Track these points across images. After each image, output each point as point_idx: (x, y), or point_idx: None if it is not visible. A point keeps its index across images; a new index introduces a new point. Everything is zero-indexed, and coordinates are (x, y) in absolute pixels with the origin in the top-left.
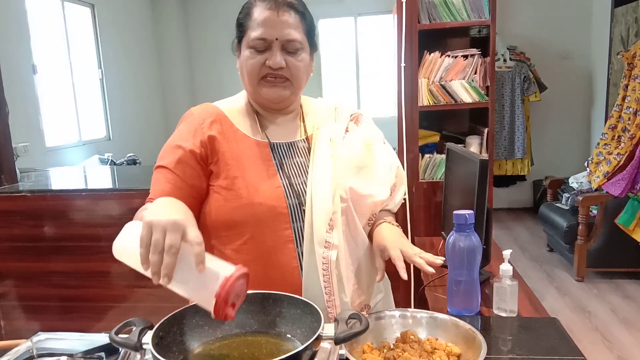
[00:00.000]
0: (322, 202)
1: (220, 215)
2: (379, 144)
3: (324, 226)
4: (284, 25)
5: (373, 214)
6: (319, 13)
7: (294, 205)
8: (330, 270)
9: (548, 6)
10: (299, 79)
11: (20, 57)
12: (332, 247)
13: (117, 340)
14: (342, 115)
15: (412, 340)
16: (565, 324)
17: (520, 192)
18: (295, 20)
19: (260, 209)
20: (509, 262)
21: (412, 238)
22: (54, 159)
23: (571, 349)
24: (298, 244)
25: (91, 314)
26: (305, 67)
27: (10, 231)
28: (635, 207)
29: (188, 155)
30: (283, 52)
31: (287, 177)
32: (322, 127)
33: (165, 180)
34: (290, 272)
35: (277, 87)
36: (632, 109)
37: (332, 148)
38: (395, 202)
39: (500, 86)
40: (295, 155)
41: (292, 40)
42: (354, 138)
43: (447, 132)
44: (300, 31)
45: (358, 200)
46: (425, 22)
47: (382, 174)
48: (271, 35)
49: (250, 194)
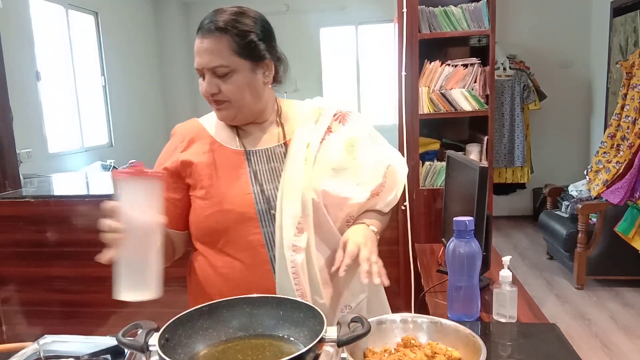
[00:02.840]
0: (290, 207)
1: (198, 223)
2: (365, 143)
3: (292, 230)
4: (207, 53)
5: (350, 216)
6: (320, 22)
7: (264, 210)
8: (299, 274)
9: (547, 15)
10: (239, 98)
11: (24, 63)
12: (299, 250)
13: (124, 341)
14: (324, 117)
15: (413, 344)
16: (565, 330)
17: (520, 200)
18: (219, 44)
19: (230, 215)
20: (509, 269)
21: (412, 244)
22: (56, 165)
23: (570, 355)
24: (269, 248)
25: (93, 319)
26: (240, 86)
27: (14, 236)
28: (634, 215)
29: (173, 172)
30: (214, 77)
31: (259, 183)
32: (298, 131)
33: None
34: (263, 275)
35: (220, 111)
36: (631, 118)
37: (307, 152)
38: (385, 202)
39: (500, 95)
40: (271, 161)
41: (217, 67)
42: (336, 139)
43: (447, 139)
44: (226, 53)
45: (333, 203)
46: (425, 31)
47: (364, 175)
48: (199, 64)
49: (221, 201)
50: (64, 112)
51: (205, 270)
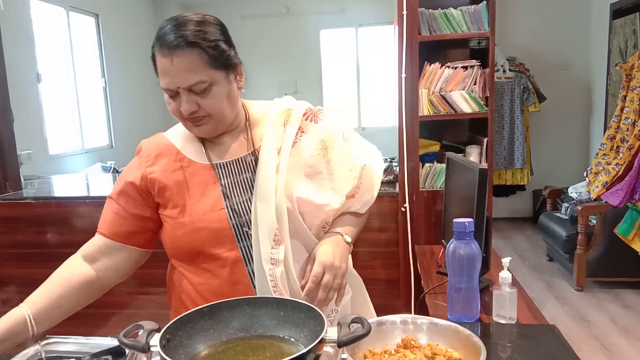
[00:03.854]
0: (265, 219)
1: (172, 242)
2: (339, 143)
3: (268, 243)
4: (181, 72)
5: (326, 222)
6: (320, 24)
7: (238, 225)
8: (279, 286)
9: (547, 17)
10: (219, 112)
11: (25, 65)
12: (278, 263)
13: (126, 342)
14: (294, 117)
15: (413, 345)
16: (565, 332)
17: (519, 202)
18: (192, 60)
19: (204, 233)
20: (508, 270)
21: (412, 246)
22: (56, 166)
23: (570, 357)
24: (247, 263)
25: (93, 321)
26: (220, 98)
27: (14, 237)
28: (634, 217)
29: (129, 187)
30: (191, 94)
31: (231, 196)
32: (266, 136)
33: (110, 210)
34: (244, 290)
35: (201, 126)
36: (631, 120)
37: (279, 158)
38: (362, 202)
39: (500, 97)
40: (242, 172)
41: (195, 84)
42: (308, 140)
43: (447, 141)
44: (202, 68)
45: (308, 210)
46: (425, 33)
47: (338, 179)
48: (172, 84)
49: (193, 220)
50: (65, 114)
51: (185, 286)
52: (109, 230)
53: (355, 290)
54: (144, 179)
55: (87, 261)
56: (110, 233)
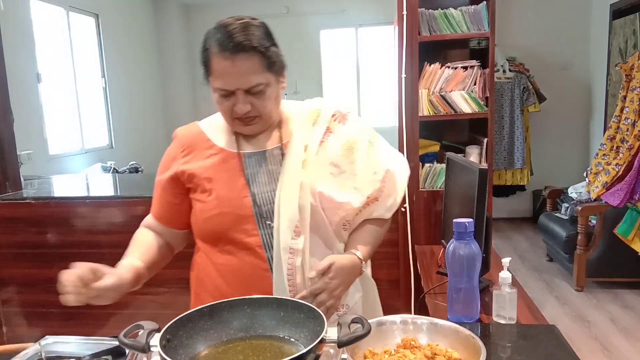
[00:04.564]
0: (287, 210)
1: (199, 224)
2: (364, 146)
3: (289, 233)
4: (242, 74)
5: (346, 220)
6: (320, 24)
7: (261, 213)
8: (295, 276)
9: (547, 18)
10: (268, 112)
11: (25, 65)
12: (297, 253)
13: (126, 342)
14: (322, 117)
15: (413, 345)
16: (565, 332)
17: (519, 202)
18: (253, 63)
19: (228, 218)
20: (508, 270)
21: (412, 246)
22: (56, 166)
23: (570, 357)
24: (267, 249)
25: (93, 321)
26: (272, 99)
27: (14, 238)
28: (634, 217)
29: (171, 177)
30: (247, 95)
31: (257, 185)
32: (296, 133)
33: (158, 196)
34: (261, 275)
35: (250, 126)
36: (630, 120)
37: (306, 154)
38: (385, 207)
39: (500, 97)
40: (268, 164)
41: (254, 86)
42: (335, 141)
43: (447, 141)
44: (261, 71)
45: (330, 206)
46: (425, 33)
47: (361, 179)
48: (231, 85)
49: (219, 204)
50: (65, 114)
51: (207, 267)
52: (155, 212)
53: (368, 292)
54: (175, 171)
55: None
56: (156, 215)
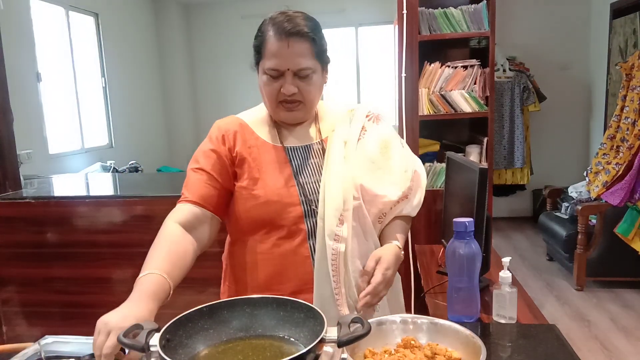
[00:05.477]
0: (333, 199)
1: (242, 213)
2: (397, 146)
3: (334, 221)
4: (294, 56)
5: (383, 212)
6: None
7: (307, 202)
8: (338, 262)
9: (547, 17)
10: (312, 99)
11: (25, 65)
12: (341, 239)
13: (126, 342)
14: (357, 116)
15: (413, 345)
16: (565, 332)
17: (519, 202)
18: (305, 47)
19: (275, 207)
20: (508, 270)
21: (412, 245)
22: (56, 166)
23: (570, 356)
24: (310, 237)
25: (93, 320)
26: (317, 87)
27: (14, 237)
28: (634, 217)
29: (222, 159)
30: (295, 78)
31: (302, 177)
32: (336, 130)
33: (202, 181)
34: (303, 261)
35: (292, 112)
36: (631, 119)
37: (346, 149)
38: (412, 206)
39: (500, 96)
40: (310, 157)
41: (303, 69)
42: (370, 138)
43: (447, 141)
44: (310, 57)
45: (369, 198)
46: (425, 33)
47: (395, 176)
48: (283, 66)
49: (267, 193)
50: (65, 113)
51: (245, 257)
52: (203, 198)
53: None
54: (230, 150)
55: (187, 230)
56: (204, 201)
